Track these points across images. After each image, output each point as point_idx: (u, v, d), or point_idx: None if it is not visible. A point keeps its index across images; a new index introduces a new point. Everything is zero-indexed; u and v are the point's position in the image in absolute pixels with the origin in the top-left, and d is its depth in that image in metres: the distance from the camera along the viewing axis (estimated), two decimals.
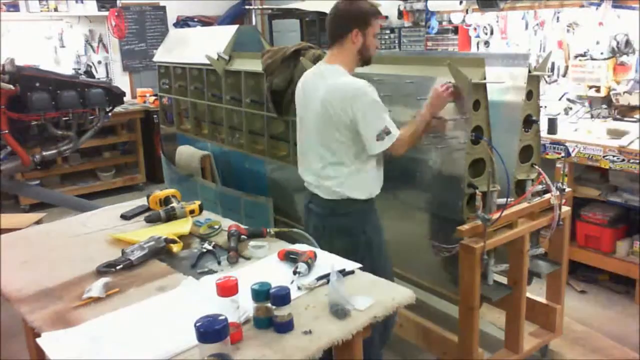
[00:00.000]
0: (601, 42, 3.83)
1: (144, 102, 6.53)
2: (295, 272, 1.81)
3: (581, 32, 3.95)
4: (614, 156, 3.22)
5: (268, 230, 2.23)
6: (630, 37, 3.70)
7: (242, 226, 2.22)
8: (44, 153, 4.20)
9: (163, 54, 4.70)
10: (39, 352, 1.66)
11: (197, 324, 1.32)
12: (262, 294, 1.53)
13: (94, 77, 6.32)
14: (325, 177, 2.27)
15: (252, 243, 2.12)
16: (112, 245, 2.18)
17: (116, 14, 6.43)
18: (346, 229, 2.28)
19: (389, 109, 2.27)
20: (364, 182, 2.27)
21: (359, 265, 1.92)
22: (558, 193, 2.45)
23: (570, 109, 3.99)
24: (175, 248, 2.12)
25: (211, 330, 1.30)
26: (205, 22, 7.26)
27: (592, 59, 3.85)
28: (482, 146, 2.33)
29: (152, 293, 1.79)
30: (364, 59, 2.29)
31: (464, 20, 4.60)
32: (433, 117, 2.28)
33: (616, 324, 3.11)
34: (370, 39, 2.24)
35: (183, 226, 2.33)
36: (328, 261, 1.88)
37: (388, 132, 2.16)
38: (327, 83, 2.22)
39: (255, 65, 3.40)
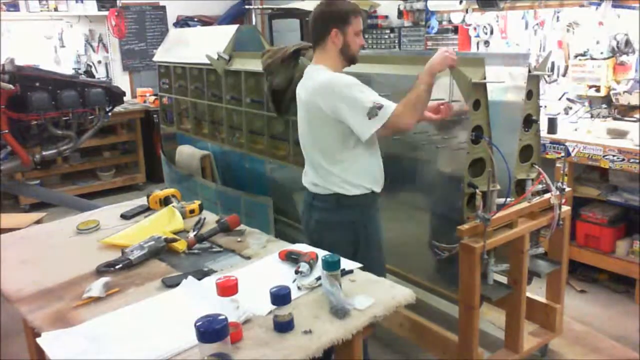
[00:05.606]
0: (601, 42, 3.82)
1: (144, 101, 6.53)
2: (297, 272, 1.81)
3: (581, 31, 3.94)
4: (614, 156, 3.22)
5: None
6: (630, 36, 3.69)
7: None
8: (44, 153, 4.20)
9: (163, 54, 4.70)
10: (39, 352, 1.66)
11: (197, 324, 1.32)
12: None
13: (94, 76, 6.32)
14: (323, 177, 2.27)
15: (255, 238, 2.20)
16: (112, 245, 2.18)
17: (116, 13, 6.44)
18: (347, 222, 2.27)
19: None
20: (360, 177, 2.24)
21: (359, 265, 1.92)
22: (558, 192, 2.45)
23: (570, 108, 3.98)
24: (180, 246, 2.12)
25: (211, 330, 1.30)
26: (205, 22, 7.26)
27: (592, 58, 3.84)
28: (482, 146, 2.33)
29: (152, 293, 1.80)
30: (348, 58, 2.27)
31: (464, 20, 4.59)
32: (433, 76, 2.12)
33: (616, 324, 3.11)
34: (351, 37, 2.23)
35: (176, 220, 2.35)
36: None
37: (380, 107, 2.05)
38: (309, 84, 2.25)
39: (255, 65, 3.40)
